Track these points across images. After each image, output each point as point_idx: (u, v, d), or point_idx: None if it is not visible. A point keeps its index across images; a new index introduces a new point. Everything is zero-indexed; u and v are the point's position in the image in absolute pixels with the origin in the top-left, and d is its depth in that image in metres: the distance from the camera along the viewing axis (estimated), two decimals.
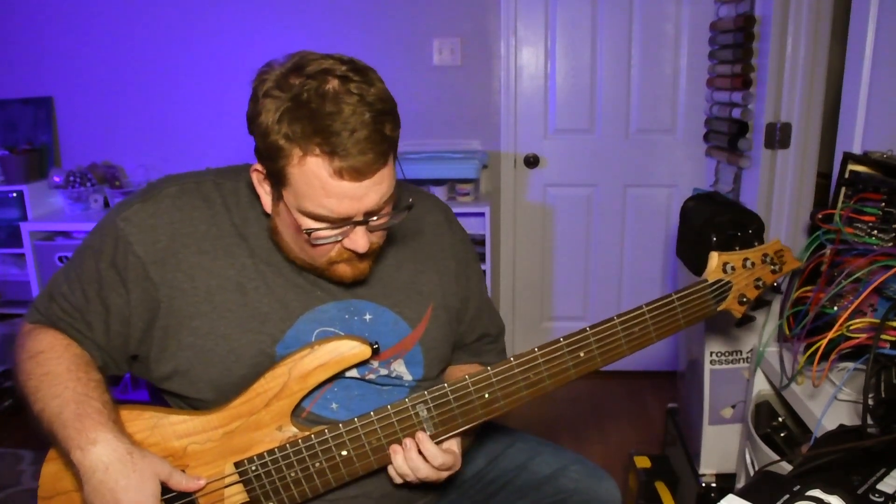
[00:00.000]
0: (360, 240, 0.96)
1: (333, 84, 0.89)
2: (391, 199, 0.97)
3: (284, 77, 0.90)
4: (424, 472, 1.01)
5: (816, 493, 0.76)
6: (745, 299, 1.14)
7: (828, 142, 2.23)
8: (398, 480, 1.04)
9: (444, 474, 1.04)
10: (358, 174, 0.89)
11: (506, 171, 3.02)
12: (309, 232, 0.94)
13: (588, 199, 3.06)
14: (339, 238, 0.96)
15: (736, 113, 2.52)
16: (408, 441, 1.01)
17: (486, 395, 1.02)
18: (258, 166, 0.97)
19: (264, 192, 1.00)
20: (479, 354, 1.29)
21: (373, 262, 1.05)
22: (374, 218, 0.96)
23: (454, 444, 1.05)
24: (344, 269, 1.02)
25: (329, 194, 0.90)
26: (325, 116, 0.87)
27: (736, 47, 2.48)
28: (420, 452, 1.01)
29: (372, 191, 0.92)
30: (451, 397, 1.01)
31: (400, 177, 1.04)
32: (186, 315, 1.02)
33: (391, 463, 1.03)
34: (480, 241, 2.88)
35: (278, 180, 0.93)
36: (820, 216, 1.26)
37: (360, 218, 0.94)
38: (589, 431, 2.72)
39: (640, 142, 2.97)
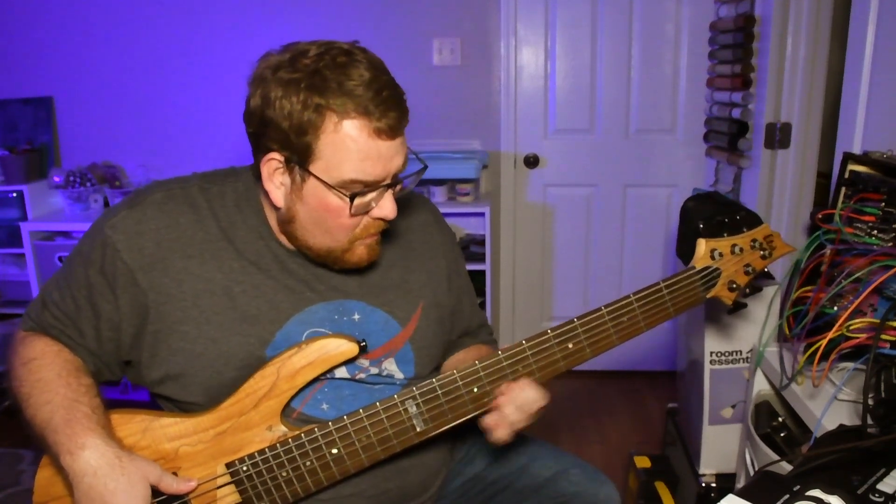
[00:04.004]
0: (389, 204, 0.99)
1: (343, 57, 0.93)
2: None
3: (291, 62, 0.93)
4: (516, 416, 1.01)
5: (816, 493, 0.76)
6: (734, 286, 1.12)
7: (828, 142, 2.22)
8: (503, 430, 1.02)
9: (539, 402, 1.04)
10: (392, 131, 0.94)
11: (506, 171, 3.02)
12: (353, 197, 0.95)
13: (588, 199, 3.05)
14: (372, 206, 0.99)
15: (736, 113, 2.52)
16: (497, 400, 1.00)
17: (475, 390, 1.02)
18: (274, 155, 0.96)
19: (275, 185, 0.99)
20: (477, 335, 1.33)
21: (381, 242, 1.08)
22: (399, 179, 1.00)
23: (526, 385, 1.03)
24: (362, 252, 1.03)
25: (366, 156, 0.93)
26: (350, 81, 0.91)
27: (736, 47, 2.47)
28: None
29: (400, 150, 0.97)
30: (439, 392, 1.01)
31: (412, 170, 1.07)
32: (175, 320, 1.02)
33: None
34: (480, 241, 2.87)
35: (305, 158, 0.94)
36: (820, 216, 1.25)
37: (389, 181, 0.97)
38: (589, 431, 2.72)
39: (640, 142, 2.96)
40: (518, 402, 1.01)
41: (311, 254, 1.04)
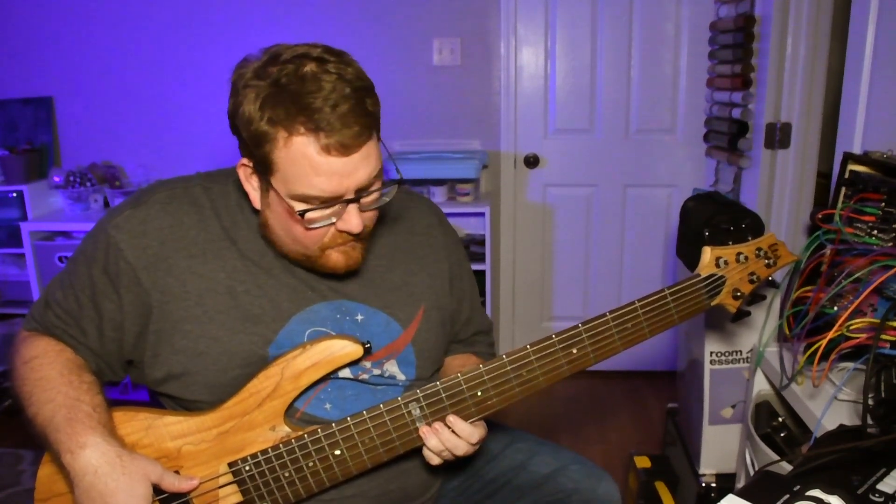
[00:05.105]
0: (353, 219, 0.96)
1: (311, 66, 0.90)
2: (380, 176, 0.97)
3: (262, 68, 0.92)
4: (463, 448, 1.03)
5: (816, 493, 0.76)
6: (739, 294, 1.12)
7: (828, 142, 2.22)
8: (437, 461, 1.04)
9: (477, 447, 1.06)
10: (345, 149, 0.90)
11: (506, 171, 3.02)
12: (302, 213, 0.94)
13: (588, 199, 3.06)
14: (333, 220, 0.96)
15: (736, 113, 2.52)
16: (437, 424, 1.01)
17: (479, 394, 1.02)
18: (245, 161, 0.97)
19: (252, 187, 1.00)
20: (471, 345, 1.31)
21: (365, 250, 1.05)
22: (365, 194, 0.96)
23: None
24: (337, 258, 1.01)
25: (318, 172, 0.90)
26: (306, 95, 0.88)
27: (736, 47, 2.48)
28: (454, 433, 1.02)
29: (360, 166, 0.93)
30: (443, 395, 1.01)
31: (396, 176, 1.05)
32: (178, 319, 1.02)
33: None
34: (480, 241, 2.87)
35: (265, 168, 0.93)
36: (820, 216, 1.25)
37: (352, 196, 0.94)
38: (589, 431, 2.72)
39: (640, 142, 2.96)
40: (450, 444, 1.02)
41: (290, 258, 1.04)
